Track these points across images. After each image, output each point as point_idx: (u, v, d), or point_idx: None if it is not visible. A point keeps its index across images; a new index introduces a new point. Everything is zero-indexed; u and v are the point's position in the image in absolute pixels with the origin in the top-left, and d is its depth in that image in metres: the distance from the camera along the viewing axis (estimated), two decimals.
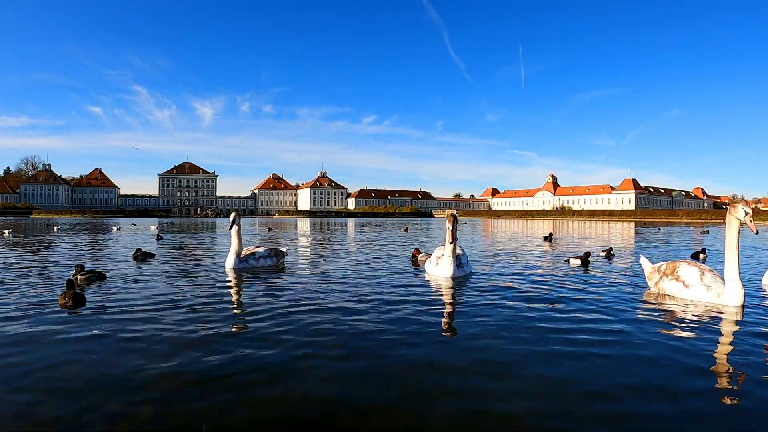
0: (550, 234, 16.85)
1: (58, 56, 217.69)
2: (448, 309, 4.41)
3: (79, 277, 5.72)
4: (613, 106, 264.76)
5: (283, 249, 7.87)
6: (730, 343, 3.29)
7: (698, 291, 4.57)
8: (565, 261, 8.25)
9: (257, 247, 7.44)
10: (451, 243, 6.04)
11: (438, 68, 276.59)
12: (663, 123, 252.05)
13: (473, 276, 6.51)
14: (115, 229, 23.38)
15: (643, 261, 5.68)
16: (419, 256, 8.24)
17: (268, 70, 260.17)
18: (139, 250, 8.82)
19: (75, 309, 4.20)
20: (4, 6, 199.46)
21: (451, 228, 5.94)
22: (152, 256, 8.72)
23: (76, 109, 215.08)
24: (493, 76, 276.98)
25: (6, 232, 18.79)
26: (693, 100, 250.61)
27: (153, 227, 25.99)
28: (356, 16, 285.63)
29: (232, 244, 6.97)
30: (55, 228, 23.66)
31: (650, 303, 4.60)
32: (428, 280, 6.13)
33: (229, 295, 5.11)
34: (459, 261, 6.36)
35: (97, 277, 5.89)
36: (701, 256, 9.36)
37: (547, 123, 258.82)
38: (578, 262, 7.83)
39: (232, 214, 6.90)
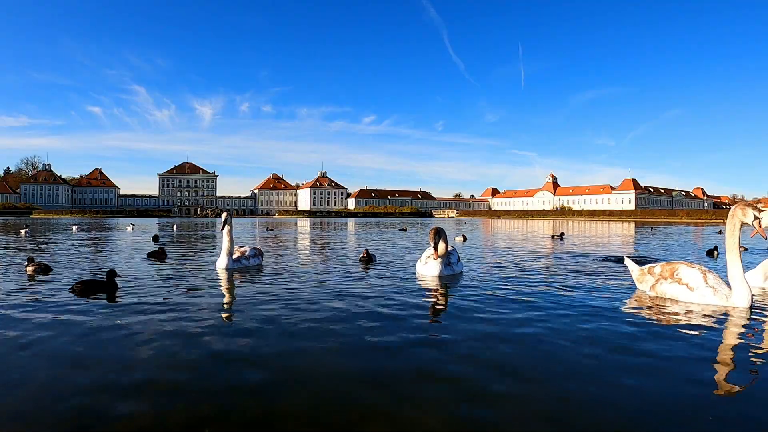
0: (561, 233, 16.80)
1: (57, 56, 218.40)
2: (435, 308, 4.35)
3: (28, 268, 6.43)
4: (613, 106, 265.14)
5: (259, 248, 8.05)
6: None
7: (705, 293, 4.38)
8: None
9: (242, 247, 7.43)
10: (436, 259, 6.05)
11: (438, 68, 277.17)
12: (663, 123, 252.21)
13: (464, 275, 6.43)
14: (129, 228, 24.27)
15: (629, 263, 5.44)
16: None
17: (268, 70, 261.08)
18: (161, 248, 9.19)
19: (82, 296, 4.69)
20: (4, 6, 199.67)
21: (433, 245, 5.90)
22: (163, 256, 8.90)
23: (76, 109, 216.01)
24: (493, 76, 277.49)
25: (23, 231, 19.68)
26: (693, 100, 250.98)
27: (175, 227, 27.25)
28: (356, 16, 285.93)
29: (224, 245, 6.88)
30: (74, 228, 24.78)
31: (652, 307, 4.43)
32: (418, 280, 6.07)
33: (227, 294, 5.06)
34: (448, 260, 6.28)
35: (44, 269, 6.51)
36: (715, 253, 9.64)
37: (547, 123, 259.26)
38: None
39: (224, 215, 6.81)
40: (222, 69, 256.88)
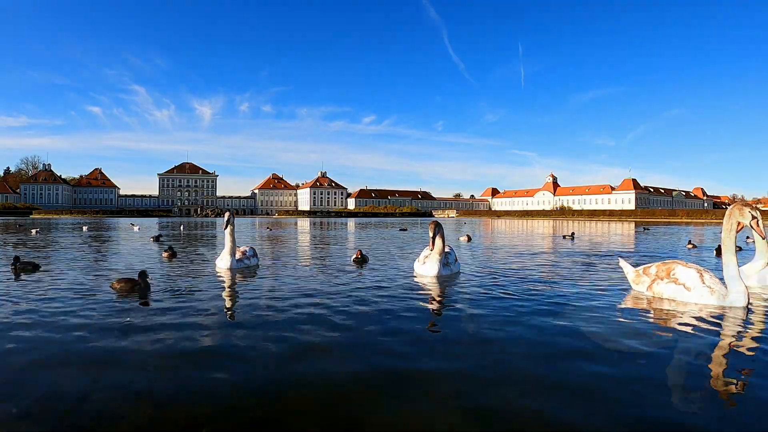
0: (572, 233, 17.34)
1: (57, 56, 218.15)
2: (432, 308, 4.40)
3: (17, 266, 6.70)
4: (613, 106, 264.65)
5: (254, 247, 8.17)
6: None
7: (702, 293, 4.41)
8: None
9: (241, 247, 7.49)
10: (431, 250, 6.14)
11: (438, 68, 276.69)
12: (663, 123, 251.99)
13: (464, 275, 6.47)
14: (136, 228, 24.78)
15: (624, 264, 5.45)
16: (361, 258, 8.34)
17: (268, 70, 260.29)
18: (170, 247, 9.53)
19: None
20: (4, 6, 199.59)
21: (431, 235, 5.98)
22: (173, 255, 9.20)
23: (76, 109, 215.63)
24: (493, 76, 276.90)
25: (34, 231, 20.51)
26: (693, 100, 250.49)
27: (182, 227, 28.05)
28: (356, 15, 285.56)
29: (226, 244, 6.93)
30: (84, 228, 25.60)
31: (649, 307, 4.47)
32: (415, 279, 6.11)
33: (230, 294, 5.10)
34: (446, 259, 6.34)
35: (33, 267, 6.80)
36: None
37: (547, 123, 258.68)
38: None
39: (226, 214, 6.86)
40: (222, 69, 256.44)
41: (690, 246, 11.92)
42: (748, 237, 12.87)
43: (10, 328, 3.56)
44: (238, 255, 7.07)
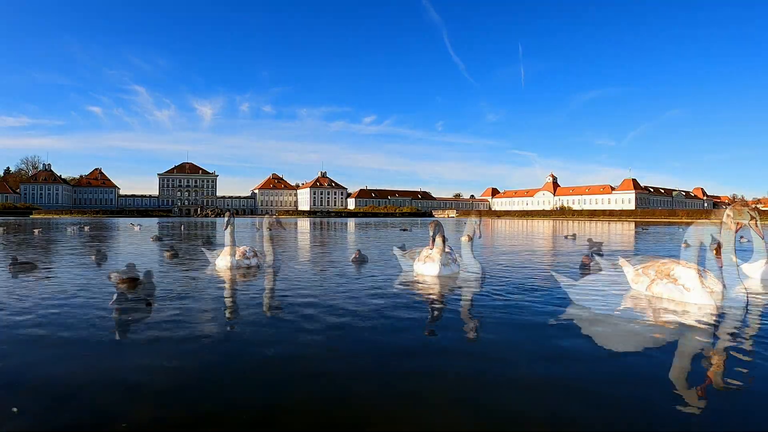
0: (574, 234, 17.65)
1: (57, 56, 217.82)
2: (432, 307, 4.40)
3: (15, 266, 6.82)
4: (613, 106, 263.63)
5: (255, 249, 8.12)
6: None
7: (701, 294, 4.41)
8: None
9: (240, 247, 7.48)
10: (431, 249, 6.20)
11: (438, 68, 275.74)
12: (663, 123, 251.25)
13: (464, 275, 6.47)
14: (137, 228, 25.01)
15: (624, 264, 5.46)
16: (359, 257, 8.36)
17: (268, 70, 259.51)
18: (172, 247, 9.77)
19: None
20: (4, 6, 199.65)
21: (431, 234, 6.01)
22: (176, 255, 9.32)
23: (76, 108, 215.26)
24: (493, 76, 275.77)
25: (36, 231, 20.83)
26: (693, 100, 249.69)
27: (182, 227, 28.57)
28: (356, 16, 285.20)
29: (226, 244, 6.97)
30: (86, 227, 25.84)
31: (648, 307, 4.49)
32: (415, 279, 6.14)
33: (229, 294, 5.11)
34: (447, 259, 6.37)
35: (31, 267, 6.98)
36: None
37: (547, 123, 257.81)
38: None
39: (226, 215, 6.92)
40: (222, 69, 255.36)
41: (685, 245, 11.89)
42: (742, 237, 12.90)
43: (8, 327, 3.57)
44: (237, 255, 7.11)
